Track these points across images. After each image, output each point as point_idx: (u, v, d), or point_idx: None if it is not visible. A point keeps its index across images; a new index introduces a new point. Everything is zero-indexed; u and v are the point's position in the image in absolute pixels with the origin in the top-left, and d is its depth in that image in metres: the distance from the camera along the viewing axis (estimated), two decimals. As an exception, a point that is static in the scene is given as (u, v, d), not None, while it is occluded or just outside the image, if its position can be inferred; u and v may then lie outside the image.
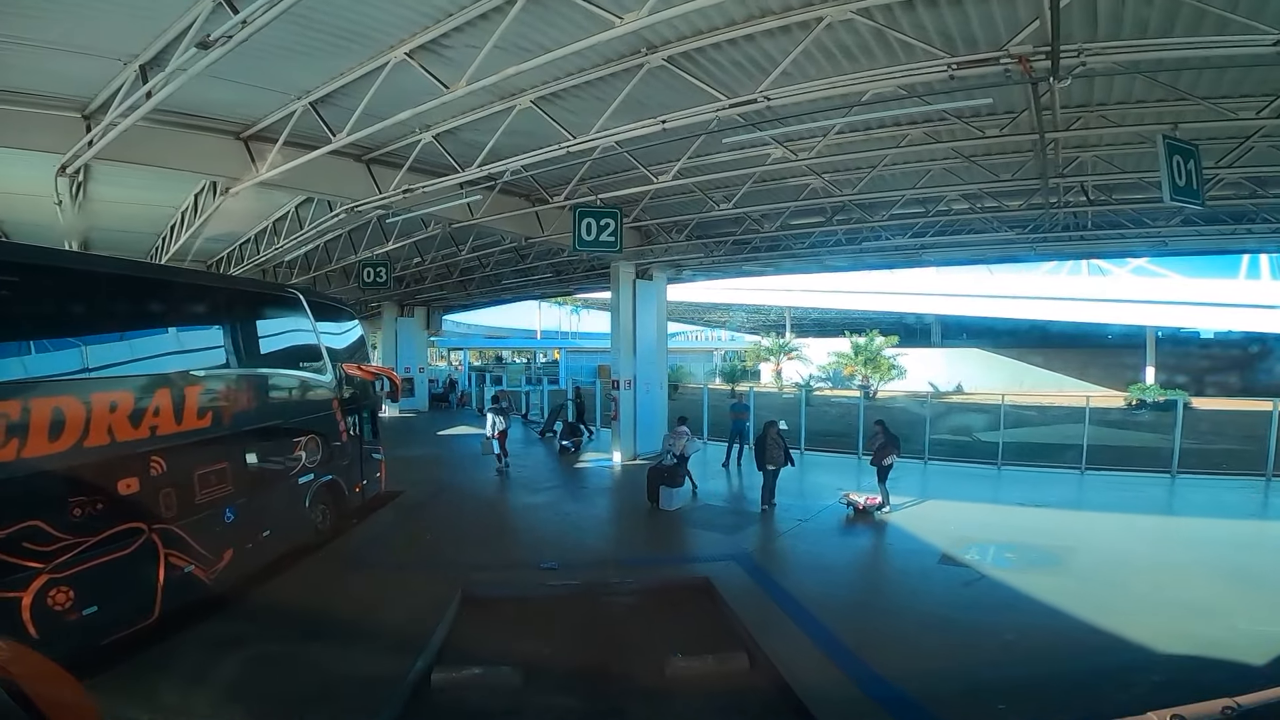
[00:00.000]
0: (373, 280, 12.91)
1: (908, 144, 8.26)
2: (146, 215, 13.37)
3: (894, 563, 8.09)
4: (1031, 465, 13.40)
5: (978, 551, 8.01)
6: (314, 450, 7.84)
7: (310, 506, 7.86)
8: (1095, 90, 7.07)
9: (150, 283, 6.33)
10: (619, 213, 8.77)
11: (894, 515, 9.70)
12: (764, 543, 8.64)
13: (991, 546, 8.21)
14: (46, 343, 4.98)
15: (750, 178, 9.62)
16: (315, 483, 7.91)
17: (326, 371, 8.19)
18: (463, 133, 8.31)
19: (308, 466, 7.74)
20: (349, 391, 8.72)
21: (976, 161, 8.71)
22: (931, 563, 7.76)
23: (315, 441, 7.86)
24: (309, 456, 7.75)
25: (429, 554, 8.03)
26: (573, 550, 8.21)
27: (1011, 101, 7.08)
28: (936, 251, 13.32)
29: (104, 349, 5.41)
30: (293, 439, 7.51)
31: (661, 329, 15.14)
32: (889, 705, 4.54)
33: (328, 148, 7.24)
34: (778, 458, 9.71)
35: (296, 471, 7.58)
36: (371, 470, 9.48)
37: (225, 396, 6.34)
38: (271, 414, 7.15)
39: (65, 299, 5.17)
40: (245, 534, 6.57)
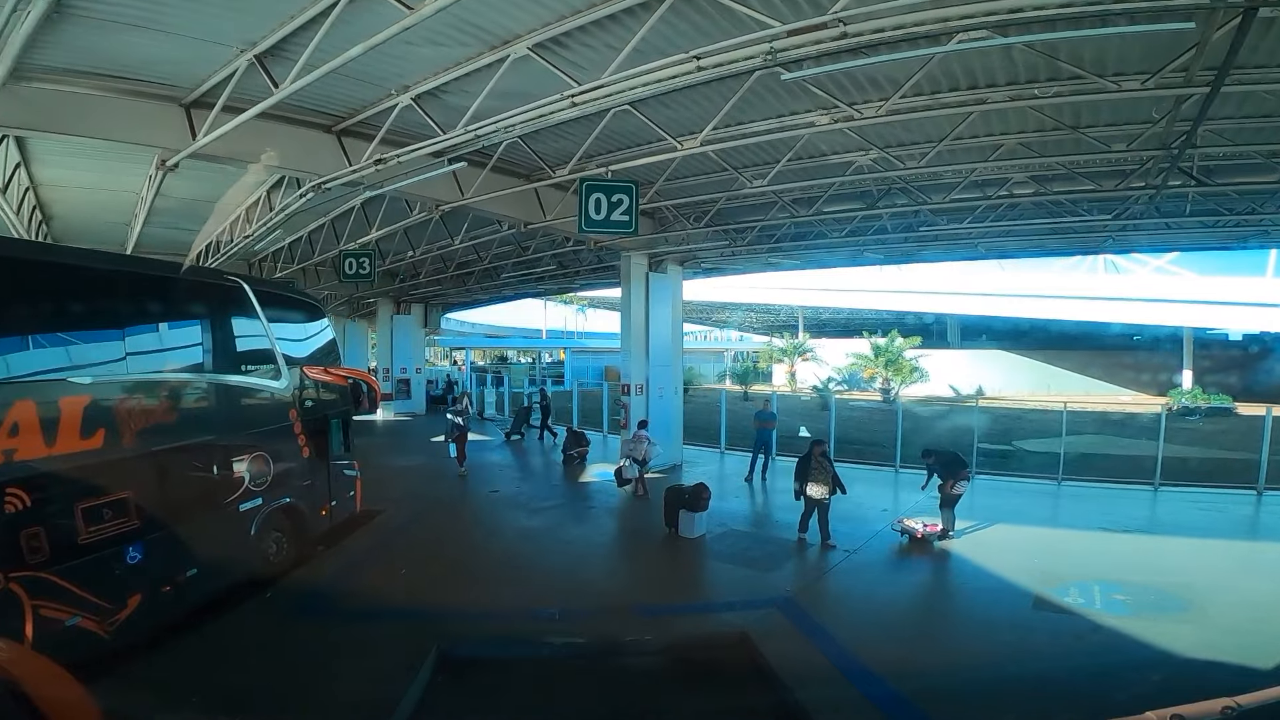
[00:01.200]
0: (355, 272, 11.56)
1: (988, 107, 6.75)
2: (104, 202, 12.08)
3: (976, 607, 6.59)
4: (1095, 480, 11.90)
5: (1077, 592, 6.57)
6: (262, 470, 6.48)
7: (258, 536, 6.52)
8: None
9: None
10: (634, 187, 7.37)
11: (956, 544, 8.26)
12: (809, 582, 7.19)
13: (1093, 585, 6.76)
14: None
15: (790, 147, 8.17)
16: (265, 509, 6.56)
17: (281, 377, 6.83)
18: (448, 95, 6.96)
19: (253, 490, 6.38)
20: (312, 400, 7.36)
21: (1084, 132, 7.20)
22: (1024, 607, 6.33)
23: (263, 460, 6.49)
24: (255, 478, 6.39)
25: (402, 595, 6.63)
26: (576, 591, 6.79)
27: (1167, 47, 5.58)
28: (990, 242, 11.78)
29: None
30: (230, 458, 6.16)
31: (677, 328, 13.70)
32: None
33: (270, 100, 5.87)
34: (826, 485, 8.17)
35: (236, 497, 6.23)
36: (343, 489, 8.13)
37: (125, 410, 4.97)
38: (196, 429, 5.79)
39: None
40: (159, 575, 5.29)
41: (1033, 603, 6.38)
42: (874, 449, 14.71)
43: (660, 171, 9.03)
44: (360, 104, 7.64)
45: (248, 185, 10.95)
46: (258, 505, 6.46)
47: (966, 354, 37.14)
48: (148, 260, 8.36)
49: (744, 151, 8.84)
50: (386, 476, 12.22)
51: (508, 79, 6.21)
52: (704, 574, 7.56)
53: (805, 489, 8.20)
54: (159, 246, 17.09)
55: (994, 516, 9.27)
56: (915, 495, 10.71)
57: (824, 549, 8.08)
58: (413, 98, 7.03)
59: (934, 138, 8.04)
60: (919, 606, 6.74)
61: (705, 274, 15.94)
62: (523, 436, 17.71)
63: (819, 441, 8.56)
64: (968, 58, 6.27)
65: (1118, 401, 29.11)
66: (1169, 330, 32.76)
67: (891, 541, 8.38)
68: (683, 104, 7.47)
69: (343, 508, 8.13)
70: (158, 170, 7.33)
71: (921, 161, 7.81)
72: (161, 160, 7.18)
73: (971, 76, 6.68)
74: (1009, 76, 6.61)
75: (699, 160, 9.22)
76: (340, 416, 8.06)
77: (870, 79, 6.75)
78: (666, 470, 12.75)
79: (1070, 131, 7.33)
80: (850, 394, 30.33)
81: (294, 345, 7.32)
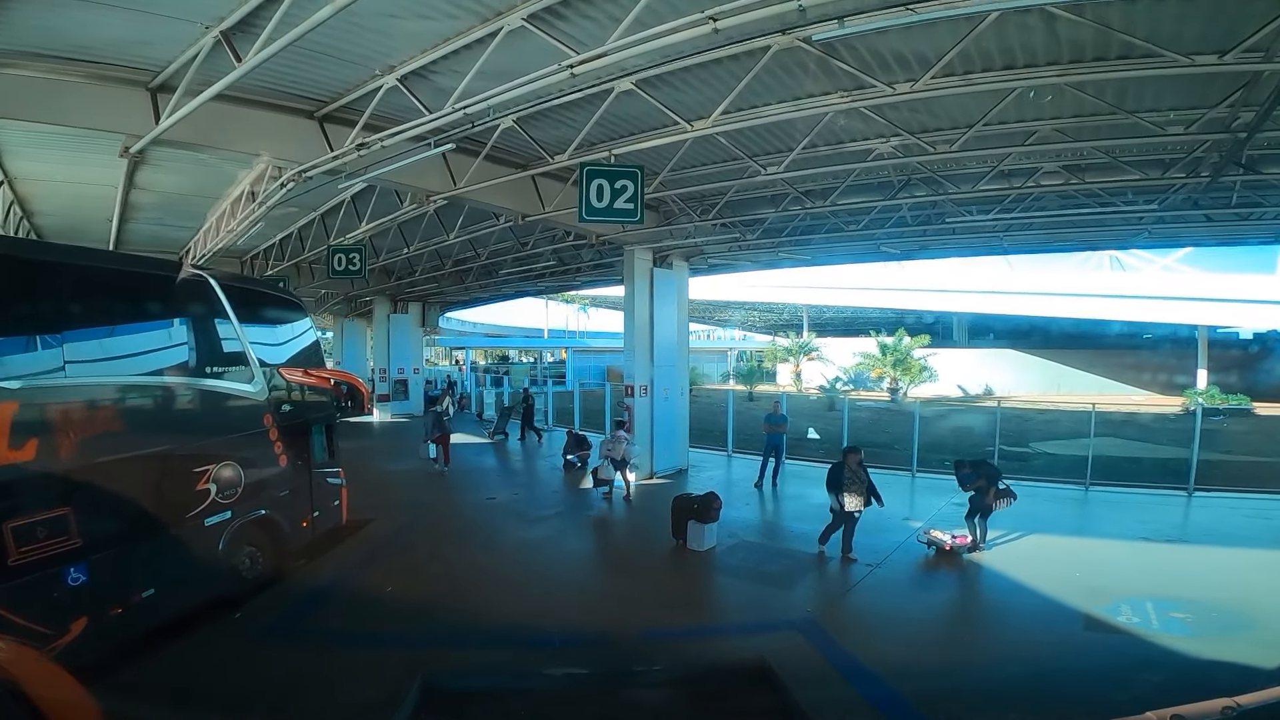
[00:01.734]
0: (345, 268, 11.00)
1: (1032, 81, 6.16)
2: (85, 196, 11.56)
3: (1020, 629, 5.97)
4: (1124, 485, 11.30)
5: (1130, 610, 5.99)
6: (230, 481, 5.93)
7: (228, 552, 5.98)
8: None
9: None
10: (639, 173, 6.79)
11: (987, 556, 7.69)
12: (831, 600, 6.62)
13: (1145, 602, 6.16)
14: None
15: (805, 133, 7.58)
16: (235, 522, 6.02)
17: (255, 379, 6.26)
18: (437, 75, 6.43)
19: (220, 503, 5.83)
20: (290, 405, 6.81)
21: (1141, 117, 6.60)
22: (1073, 628, 5.77)
23: (233, 470, 5.94)
24: (223, 489, 5.84)
25: (387, 616, 6.06)
26: (578, 612, 6.21)
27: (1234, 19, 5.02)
28: (1015, 235, 11.14)
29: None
30: (192, 469, 5.60)
31: (682, 326, 13.11)
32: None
33: (233, 76, 5.32)
34: (861, 496, 7.55)
35: (200, 511, 5.68)
36: (326, 498, 7.58)
37: (62, 418, 4.42)
38: (150, 439, 5.23)
39: None
40: (107, 597, 4.78)
41: (1083, 623, 5.81)
42: (888, 451, 14.14)
43: (666, 158, 8.44)
44: (343, 86, 7.09)
45: (231, 177, 10.46)
46: (226, 519, 5.91)
47: (974, 353, 36.49)
48: (92, 251, 7.78)
49: (756, 139, 8.28)
50: (378, 482, 11.68)
51: (501, 56, 5.64)
52: (716, 591, 6.99)
53: (844, 502, 7.54)
54: (148, 244, 16.57)
55: (1024, 525, 8.68)
56: (936, 501, 10.16)
57: (845, 563, 7.52)
58: (399, 78, 6.49)
59: (961, 123, 7.48)
60: (956, 628, 6.15)
61: (712, 270, 15.35)
62: (506, 436, 17.53)
63: (855, 449, 7.93)
64: (1006, 34, 5.72)
65: (1130, 402, 28.46)
66: (1179, 328, 32.11)
67: (917, 554, 7.81)
68: (691, 84, 6.90)
69: (326, 518, 7.59)
70: (121, 157, 6.76)
71: (954, 146, 7.21)
72: (125, 147, 6.62)
73: (1009, 55, 6.10)
74: (1051, 55, 6.04)
75: (707, 149, 8.67)
76: (323, 421, 7.53)
77: (899, 57, 6.19)
78: (672, 475, 12.20)
79: (1113, 115, 6.72)
80: (857, 394, 29.72)
81: (270, 345, 6.79)
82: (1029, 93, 6.42)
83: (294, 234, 14.14)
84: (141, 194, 11.64)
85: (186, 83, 5.87)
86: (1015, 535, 8.37)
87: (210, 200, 11.88)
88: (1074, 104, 7.02)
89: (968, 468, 8.10)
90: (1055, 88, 6.41)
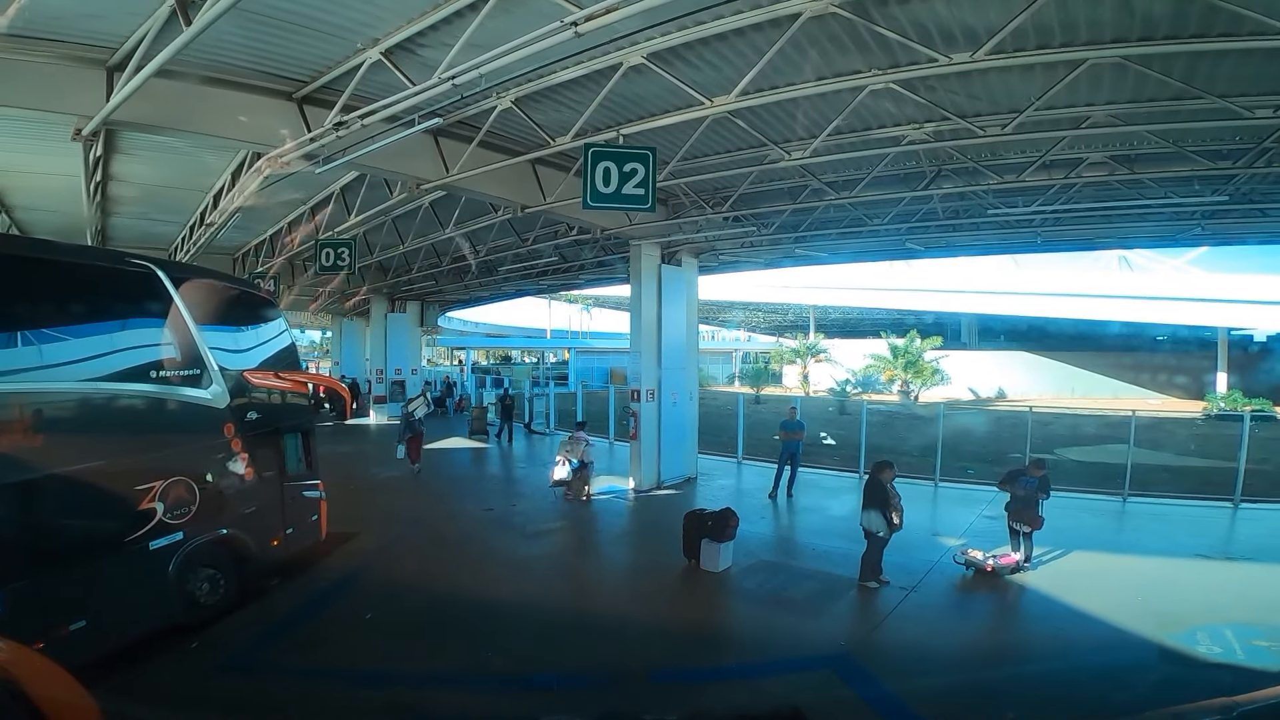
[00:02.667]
0: (333, 263, 10.33)
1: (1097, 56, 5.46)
2: (63, 190, 10.92)
3: (1092, 664, 5.18)
4: (1163, 496, 10.57)
5: (1208, 638, 5.31)
6: (181, 498, 5.28)
7: (180, 577, 5.33)
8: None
9: None
10: (651, 155, 6.09)
11: (1032, 577, 6.99)
12: (867, 632, 5.91)
13: (1223, 629, 5.49)
14: None
15: (830, 119, 6.89)
16: (189, 544, 5.37)
17: (213, 385, 5.59)
18: (425, 49, 5.80)
19: (170, 523, 5.18)
20: (258, 412, 6.16)
21: (1232, 100, 5.90)
22: (1148, 658, 5.11)
23: (185, 487, 5.27)
24: (173, 508, 5.19)
25: (363, 649, 5.37)
26: (578, 647, 5.50)
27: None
28: (1055, 230, 10.36)
29: None
30: (133, 487, 4.94)
31: (692, 327, 12.41)
32: None
33: (179, 42, 4.62)
34: (889, 515, 6.79)
35: (144, 533, 5.03)
36: (302, 513, 6.93)
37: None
38: (76, 453, 4.58)
39: None
40: (26, 630, 4.20)
41: (1159, 655, 5.10)
42: (906, 458, 13.41)
43: (677, 145, 7.74)
44: (324, 64, 6.44)
45: (212, 168, 9.82)
46: (176, 541, 5.26)
47: (986, 355, 35.71)
48: (10, 238, 7.10)
49: (776, 124, 7.58)
50: (368, 490, 11.05)
51: (497, 23, 4.96)
52: (735, 621, 6.29)
53: (892, 520, 6.78)
54: (135, 240, 15.95)
55: (1065, 541, 7.96)
56: (965, 515, 9.46)
57: (865, 586, 6.81)
58: (383, 52, 5.82)
59: (1004, 108, 6.80)
60: (1017, 664, 5.35)
61: (722, 268, 14.63)
62: (486, 434, 17.50)
63: (889, 464, 7.14)
64: (1072, 7, 5.05)
65: (1147, 406, 27.67)
66: (1195, 330, 31.32)
67: (953, 575, 7.11)
68: (708, 60, 6.22)
69: (303, 535, 6.94)
70: (74, 140, 6.10)
71: (1006, 129, 6.49)
72: (77, 129, 5.97)
73: (1071, 31, 5.42)
74: (1119, 31, 5.36)
75: (721, 136, 8.00)
76: (299, 429, 6.88)
77: (944, 31, 5.49)
78: (680, 485, 11.51)
79: (1177, 101, 6.04)
80: (867, 396, 28.96)
81: (233, 346, 6.12)
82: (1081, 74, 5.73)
83: (283, 229, 13.53)
84: (121, 186, 11.03)
85: (139, 58, 5.24)
86: (1058, 553, 7.66)
87: (196, 193, 11.26)
88: (1133, 86, 6.34)
89: (1013, 483, 7.35)
90: (1118, 66, 5.72)
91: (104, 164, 9.73)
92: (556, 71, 6.46)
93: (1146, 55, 5.58)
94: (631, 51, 6.00)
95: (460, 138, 7.92)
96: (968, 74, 6.37)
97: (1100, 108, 6.72)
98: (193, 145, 8.75)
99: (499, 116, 7.25)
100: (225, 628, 5.60)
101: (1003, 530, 8.23)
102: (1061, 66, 5.88)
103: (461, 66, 5.02)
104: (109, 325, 4.96)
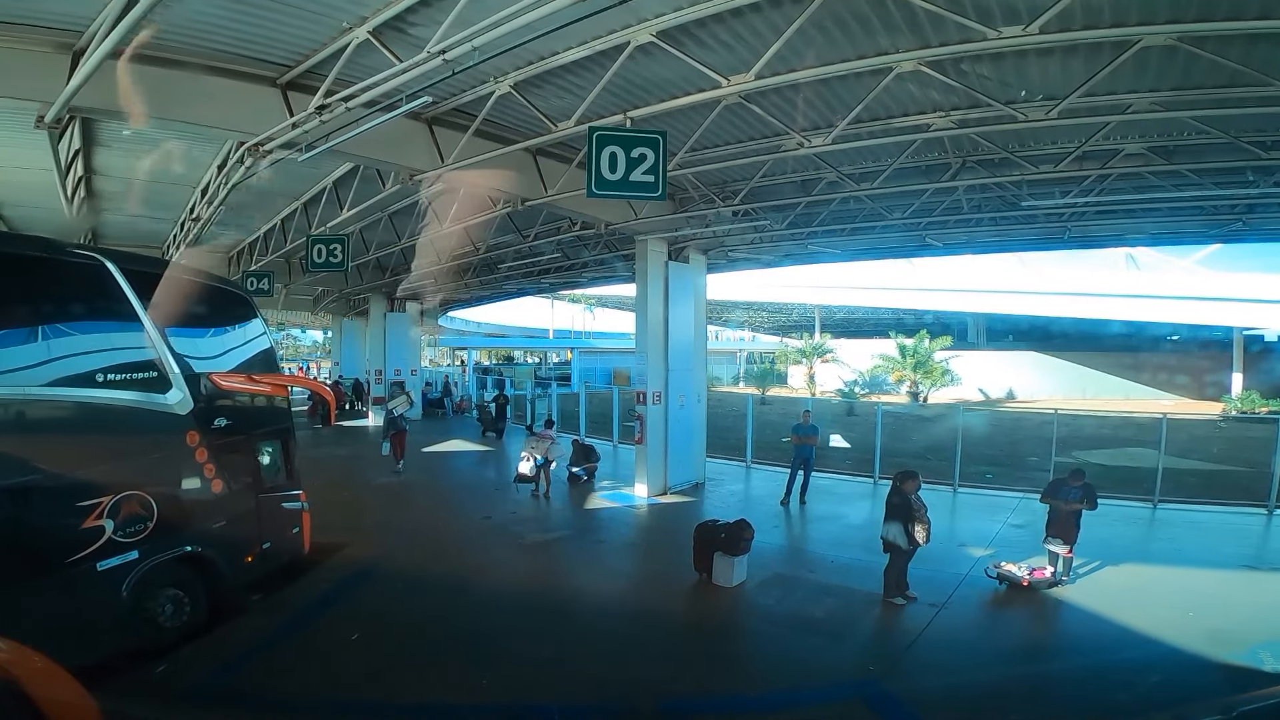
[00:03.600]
0: (325, 260, 9.89)
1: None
2: (38, 182, 10.50)
3: (1150, 690, 4.67)
4: (1194, 502, 10.07)
5: (1272, 657, 4.81)
6: (137, 515, 4.82)
7: (137, 599, 4.88)
8: None
9: None
10: (661, 139, 5.63)
11: (1070, 591, 6.53)
12: (896, 654, 5.42)
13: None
14: None
15: (850, 106, 6.45)
16: (146, 564, 4.91)
17: (173, 389, 5.14)
18: (417, 27, 5.42)
19: (122, 541, 4.72)
20: (227, 418, 5.70)
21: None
22: (1212, 679, 4.59)
23: (140, 502, 4.83)
24: (124, 525, 4.73)
25: (345, 675, 4.91)
26: (583, 673, 5.04)
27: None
28: (1085, 225, 9.82)
29: None
30: (75, 504, 4.48)
31: (700, 327, 11.94)
32: None
33: (136, 11, 4.19)
34: (911, 529, 6.30)
35: (91, 552, 4.56)
36: (281, 526, 6.45)
37: None
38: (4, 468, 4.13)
39: None
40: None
41: (1224, 678, 4.63)
42: (920, 462, 12.92)
43: (687, 131, 7.29)
44: (309, 46, 6.03)
45: (198, 160, 9.39)
46: (130, 560, 4.78)
47: (995, 355, 35.12)
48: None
49: (794, 112, 7.11)
50: (361, 497, 10.63)
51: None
52: (751, 643, 5.81)
53: (915, 535, 6.31)
54: (127, 238, 15.57)
55: (1101, 552, 7.47)
56: (989, 523, 8.99)
57: (893, 600, 6.35)
58: (371, 31, 5.39)
59: (1038, 95, 6.34)
60: (1067, 690, 4.83)
61: (731, 266, 14.14)
62: (501, 433, 17.77)
63: (913, 474, 6.60)
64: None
65: (1161, 407, 27.05)
66: (1208, 330, 30.72)
67: (984, 589, 6.64)
68: (722, 40, 5.78)
69: (282, 549, 6.45)
70: (37, 128, 5.69)
71: (1050, 113, 6.02)
72: (39, 116, 5.55)
73: (1122, 12, 4.97)
74: (1174, 13, 4.91)
75: (735, 124, 7.57)
76: (276, 436, 6.39)
77: (980, 8, 5.03)
78: (688, 490, 11.05)
79: (1227, 89, 5.58)
80: (874, 397, 28.45)
81: (200, 347, 5.64)
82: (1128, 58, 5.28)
83: (277, 226, 13.12)
84: (106, 181, 10.65)
85: (98, 39, 4.81)
86: (1095, 565, 7.18)
87: (185, 188, 10.83)
88: (1182, 71, 5.89)
89: (1055, 497, 6.88)
90: (1168, 49, 5.27)
91: (86, 157, 9.36)
92: (559, 52, 6.04)
93: (1200, 37, 5.15)
94: (640, 29, 5.57)
95: (456, 126, 7.50)
96: (1001, 57, 5.95)
97: (1144, 95, 6.27)
98: (175, 136, 8.36)
99: (497, 103, 6.83)
100: (198, 649, 5.16)
101: (1032, 539, 7.82)
102: (1108, 48, 5.45)
103: (453, 39, 4.58)
104: (51, 324, 4.49)
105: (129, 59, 5.80)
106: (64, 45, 5.58)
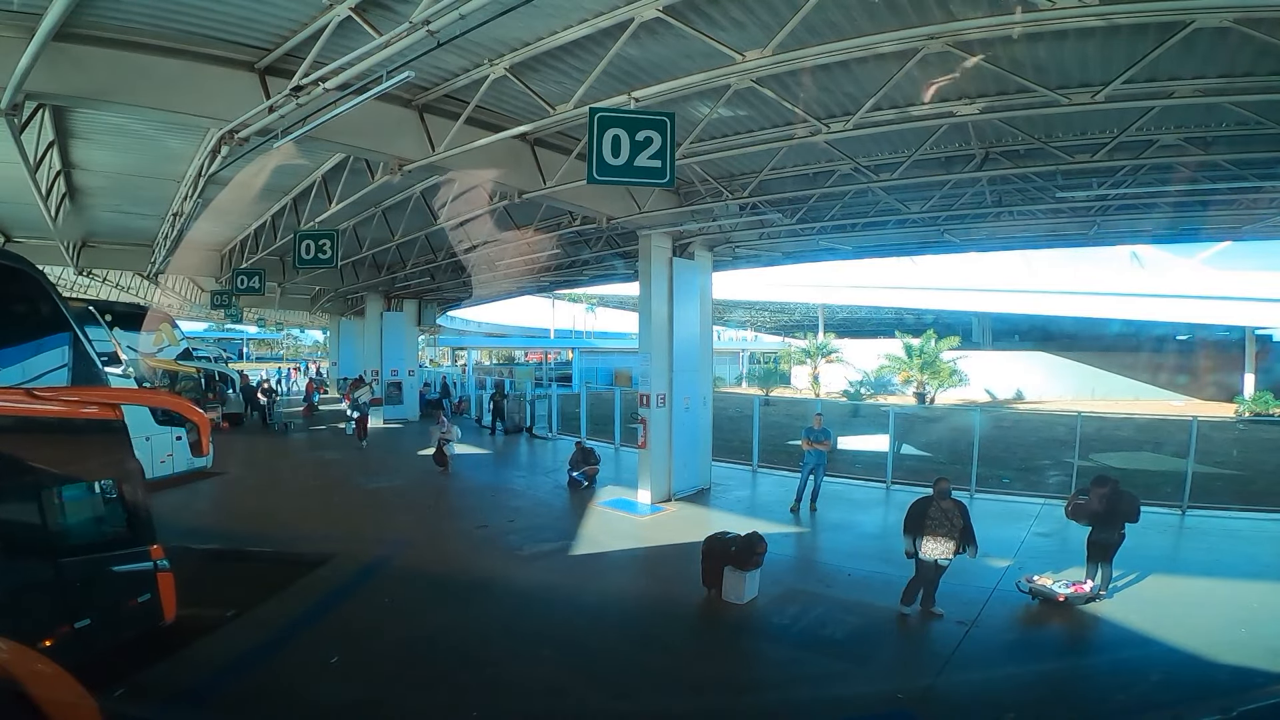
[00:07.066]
0: (314, 256, 9.44)
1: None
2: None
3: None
4: (1223, 509, 9.61)
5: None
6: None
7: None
8: None
9: None
10: (669, 121, 5.18)
11: (1108, 607, 6.09)
12: (926, 680, 4.97)
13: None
14: None
15: (870, 93, 6.01)
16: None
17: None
18: (403, 3, 4.89)
19: None
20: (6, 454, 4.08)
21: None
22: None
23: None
24: None
25: (321, 701, 4.47)
26: (585, 705, 4.61)
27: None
28: (1115, 220, 9.36)
29: None
30: None
31: (706, 327, 11.49)
32: None
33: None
34: (953, 540, 5.89)
35: None
36: (115, 596, 4.74)
37: None
38: None
39: None
40: None
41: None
42: (938, 467, 12.49)
43: (694, 119, 6.86)
44: (289, 26, 5.62)
45: (179, 152, 8.96)
46: None
47: (1003, 355, 34.62)
48: None
49: (808, 98, 6.68)
50: (354, 505, 10.25)
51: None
52: (766, 669, 5.36)
53: (919, 548, 5.94)
54: (112, 235, 15.19)
55: (1136, 563, 6.96)
56: (1014, 531, 8.55)
57: (925, 617, 5.92)
58: (353, 7, 4.95)
59: (1075, 81, 5.91)
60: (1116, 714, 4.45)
61: (738, 263, 13.68)
62: (520, 432, 18.38)
63: (944, 479, 6.21)
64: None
65: (1172, 408, 26.57)
66: (1217, 329, 30.20)
67: (1016, 604, 6.20)
68: (734, 17, 5.35)
69: (120, 623, 4.74)
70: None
71: (1096, 97, 5.57)
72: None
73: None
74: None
75: (745, 111, 7.12)
76: (107, 478, 4.76)
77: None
78: (694, 496, 10.61)
79: None
80: (879, 398, 27.97)
81: None
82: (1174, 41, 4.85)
83: (267, 223, 12.70)
84: (86, 175, 10.23)
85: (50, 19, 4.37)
86: (1133, 577, 6.71)
87: (168, 182, 10.40)
88: (1230, 56, 5.46)
89: (1092, 509, 6.42)
90: (1219, 31, 4.83)
91: (62, 150, 8.93)
92: (557, 31, 5.62)
93: (1256, 19, 4.71)
94: (645, 4, 5.14)
95: (448, 114, 7.08)
96: (1038, 38, 5.51)
97: (1187, 81, 5.82)
98: (153, 127, 7.94)
99: (492, 87, 6.41)
100: (164, 669, 4.71)
101: (1059, 548, 7.43)
102: (1153, 30, 5.01)
103: (437, 6, 4.13)
104: None
105: (91, 42, 5.43)
106: (25, 29, 5.14)
